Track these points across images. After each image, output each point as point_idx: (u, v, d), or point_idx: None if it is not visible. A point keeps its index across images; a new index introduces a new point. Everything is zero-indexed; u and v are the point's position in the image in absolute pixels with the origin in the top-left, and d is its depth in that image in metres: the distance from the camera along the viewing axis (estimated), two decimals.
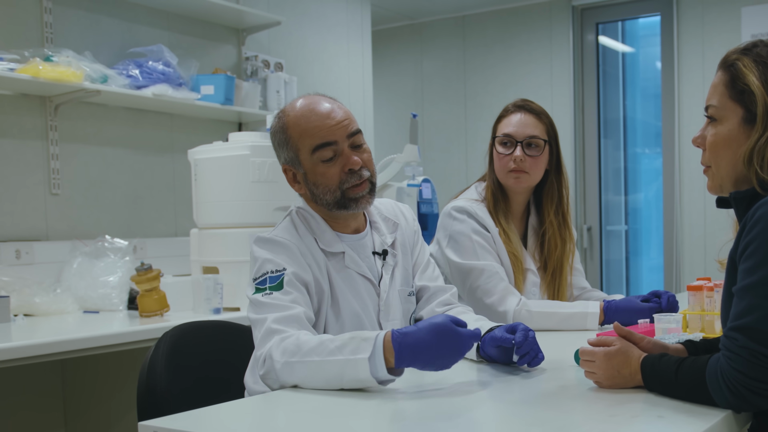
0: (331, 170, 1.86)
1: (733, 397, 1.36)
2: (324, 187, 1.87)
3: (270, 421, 1.47)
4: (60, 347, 2.51)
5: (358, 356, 1.55)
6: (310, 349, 1.61)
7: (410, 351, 1.55)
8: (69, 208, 3.63)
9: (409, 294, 2.04)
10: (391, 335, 1.57)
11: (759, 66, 1.48)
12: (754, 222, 1.38)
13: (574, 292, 2.65)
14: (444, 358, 1.56)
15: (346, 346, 1.58)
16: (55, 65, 3.31)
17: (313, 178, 1.87)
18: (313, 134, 1.85)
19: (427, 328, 1.56)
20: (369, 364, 1.54)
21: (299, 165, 1.88)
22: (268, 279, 1.79)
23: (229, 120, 4.34)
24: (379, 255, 1.98)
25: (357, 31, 5.37)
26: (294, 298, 1.77)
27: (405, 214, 2.11)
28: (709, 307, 2.12)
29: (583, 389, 1.56)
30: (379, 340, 1.56)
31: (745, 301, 1.37)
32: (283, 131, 1.89)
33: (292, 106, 1.91)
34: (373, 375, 1.55)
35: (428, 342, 1.54)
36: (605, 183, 5.92)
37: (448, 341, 1.55)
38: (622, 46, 6.10)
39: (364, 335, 1.59)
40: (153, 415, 1.59)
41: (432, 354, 1.55)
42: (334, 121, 1.87)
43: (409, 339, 1.55)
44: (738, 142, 1.51)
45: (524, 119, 2.49)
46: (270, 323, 1.71)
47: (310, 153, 1.86)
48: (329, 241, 1.90)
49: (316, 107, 1.88)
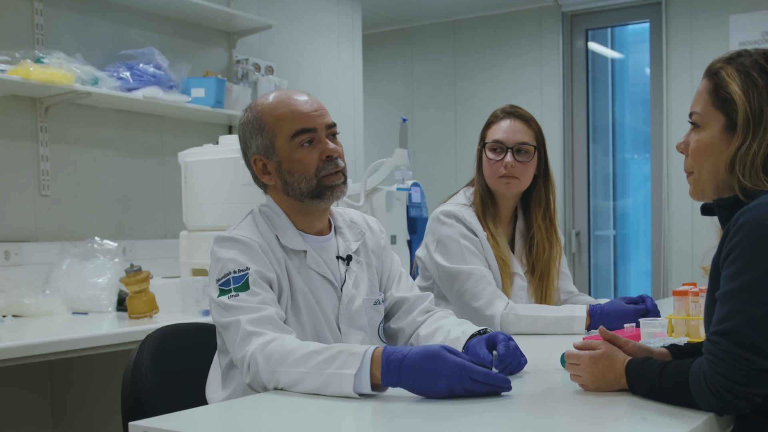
0: (309, 156, 1.84)
1: (715, 400, 1.38)
2: (300, 175, 1.84)
3: (261, 421, 1.48)
4: (48, 348, 2.51)
5: (344, 371, 1.55)
6: (296, 360, 1.61)
7: (397, 370, 1.53)
8: (58, 210, 3.63)
9: (375, 303, 2.00)
10: (381, 351, 1.56)
11: (742, 75, 1.50)
12: (737, 228, 1.41)
13: (562, 297, 2.67)
14: (431, 382, 1.52)
15: (334, 361, 1.57)
16: (46, 67, 3.31)
17: (288, 165, 1.85)
18: (292, 119, 1.84)
19: (418, 350, 1.54)
20: (354, 380, 1.54)
21: (273, 153, 1.85)
22: (231, 280, 1.76)
23: (220, 123, 4.35)
24: (342, 260, 1.95)
25: (347, 35, 5.38)
26: (262, 299, 1.75)
27: (372, 226, 2.09)
28: (695, 312, 2.14)
29: (569, 392, 1.58)
30: (367, 357, 1.55)
31: (727, 306, 1.39)
32: (257, 119, 1.87)
33: (264, 98, 1.90)
34: (356, 391, 1.55)
35: (416, 363, 1.52)
36: (594, 188, 5.95)
37: (436, 366, 1.52)
38: (612, 52, 6.13)
39: (353, 350, 1.58)
40: (138, 416, 1.59)
41: (417, 375, 1.52)
42: (313, 108, 1.87)
43: (398, 357, 1.54)
44: (719, 149, 1.53)
45: (514, 125, 2.52)
46: (245, 325, 1.69)
47: (289, 138, 1.83)
48: (291, 238, 1.88)
49: (293, 95, 1.88)
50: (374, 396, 1.56)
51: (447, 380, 1.51)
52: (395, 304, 2.06)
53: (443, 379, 1.51)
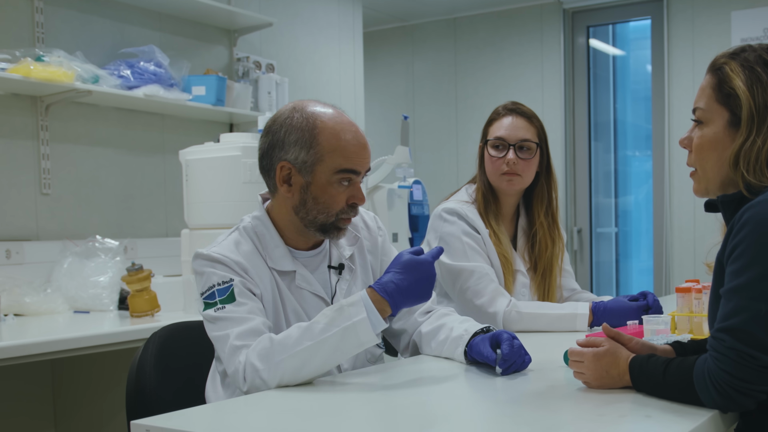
0: (341, 196, 1.81)
1: (720, 397, 1.37)
2: (323, 206, 1.80)
3: (263, 419, 1.47)
4: (50, 347, 2.51)
5: (354, 320, 1.62)
6: (296, 340, 1.63)
7: (399, 294, 1.66)
8: (60, 208, 3.62)
9: None
10: (373, 290, 1.66)
11: (746, 70, 1.50)
12: (741, 225, 1.40)
13: (564, 294, 2.67)
14: (424, 288, 1.68)
15: (336, 319, 1.64)
16: (47, 65, 3.30)
17: (317, 193, 1.80)
18: (347, 156, 1.79)
19: (400, 270, 1.68)
20: (369, 323, 1.62)
21: (308, 173, 1.79)
22: (216, 292, 1.75)
23: (221, 121, 4.35)
24: (335, 269, 1.93)
25: (348, 32, 5.38)
26: (250, 309, 1.73)
27: (368, 224, 2.05)
28: (698, 309, 2.13)
29: (572, 389, 1.57)
30: (366, 298, 1.65)
31: (732, 303, 1.38)
32: (311, 132, 1.79)
33: (324, 114, 1.81)
34: (374, 331, 1.63)
35: (407, 279, 1.66)
36: (595, 185, 5.94)
37: (420, 271, 1.68)
38: (613, 49, 6.12)
39: (347, 302, 1.67)
40: (142, 414, 1.59)
41: (413, 288, 1.67)
42: (366, 154, 1.84)
43: (392, 287, 1.66)
44: (723, 145, 1.53)
45: (516, 122, 2.51)
46: (233, 340, 1.69)
47: (334, 171, 1.79)
48: (278, 259, 1.84)
49: (355, 130, 1.83)
50: (374, 394, 1.56)
51: (433, 281, 1.70)
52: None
53: (432, 279, 1.69)
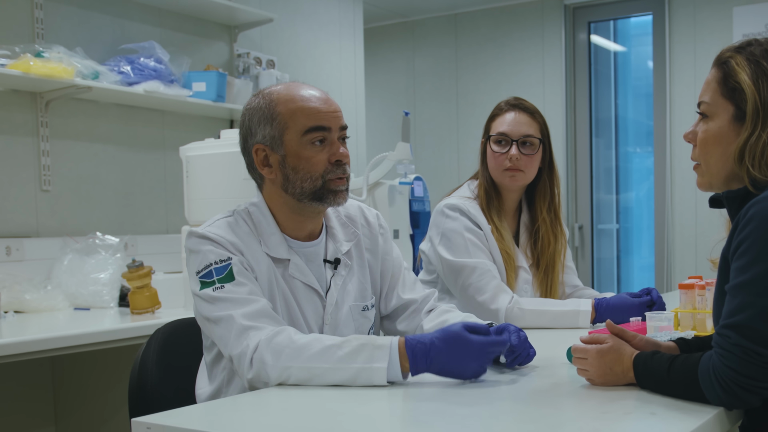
0: (318, 156, 1.76)
1: (725, 394, 1.36)
2: (305, 173, 1.76)
3: (266, 416, 1.47)
4: (50, 344, 2.50)
5: (374, 365, 1.56)
6: (314, 355, 1.58)
7: (425, 359, 1.56)
8: (60, 205, 3.61)
9: (364, 309, 1.92)
10: (404, 342, 1.58)
11: (751, 64, 1.48)
12: (747, 220, 1.39)
13: (566, 290, 2.66)
14: (459, 365, 1.57)
15: (359, 354, 1.57)
16: (46, 61, 3.29)
17: (294, 162, 1.76)
18: (308, 114, 1.76)
19: (440, 336, 1.57)
20: (387, 372, 1.56)
21: (280, 146, 1.76)
22: (213, 271, 1.69)
23: (221, 117, 4.34)
24: (330, 264, 1.87)
25: (349, 28, 5.36)
26: (250, 290, 1.69)
27: (370, 221, 2.00)
28: (701, 306, 2.12)
29: (576, 386, 1.57)
30: (394, 348, 1.57)
31: (737, 299, 1.37)
32: (269, 107, 1.77)
33: (279, 87, 1.81)
34: (389, 381, 1.57)
35: (443, 350, 1.56)
36: (597, 182, 5.93)
37: (460, 348, 1.56)
38: (614, 45, 6.11)
39: (377, 342, 1.58)
40: (144, 412, 1.58)
41: (444, 360, 1.56)
42: (332, 108, 1.80)
43: (424, 347, 1.57)
44: (728, 139, 1.51)
45: (519, 118, 2.50)
46: (240, 320, 1.63)
47: (301, 134, 1.75)
48: (274, 246, 1.79)
49: (310, 89, 1.81)
50: (375, 391, 1.55)
51: (475, 362, 1.57)
52: (402, 306, 2.01)
53: (471, 362, 1.57)
